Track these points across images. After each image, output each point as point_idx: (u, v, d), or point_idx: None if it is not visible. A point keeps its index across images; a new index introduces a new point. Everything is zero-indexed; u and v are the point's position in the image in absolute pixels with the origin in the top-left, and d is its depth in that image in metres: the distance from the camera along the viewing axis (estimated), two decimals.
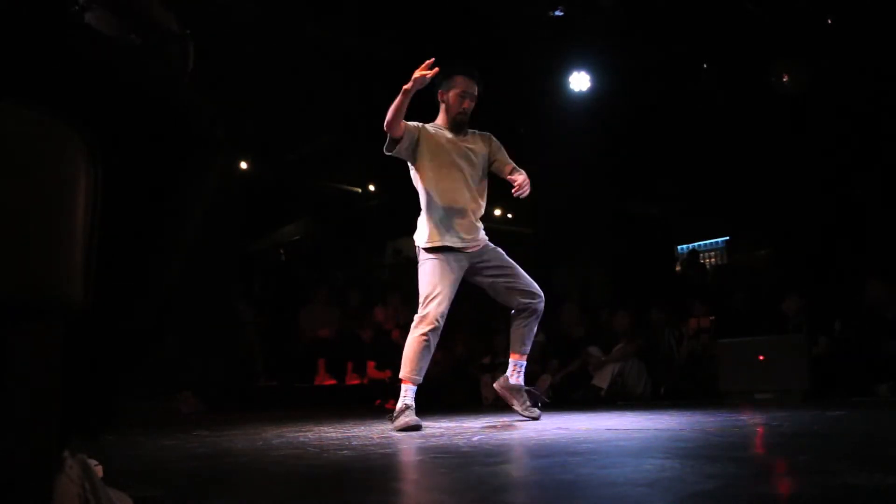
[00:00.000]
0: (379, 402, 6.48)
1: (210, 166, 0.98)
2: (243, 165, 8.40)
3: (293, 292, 8.41)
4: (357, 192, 9.88)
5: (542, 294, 3.60)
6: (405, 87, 3.26)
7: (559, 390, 6.33)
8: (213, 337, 6.76)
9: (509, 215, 11.03)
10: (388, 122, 3.34)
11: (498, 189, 3.81)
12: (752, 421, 3.07)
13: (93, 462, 0.97)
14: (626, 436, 2.51)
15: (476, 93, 3.59)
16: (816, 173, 7.54)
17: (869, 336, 5.34)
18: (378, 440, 2.66)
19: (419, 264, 3.50)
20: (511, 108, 7.56)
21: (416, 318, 3.39)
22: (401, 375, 3.36)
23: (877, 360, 5.18)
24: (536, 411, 3.58)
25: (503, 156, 3.67)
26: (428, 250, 3.46)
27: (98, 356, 0.93)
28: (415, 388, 3.33)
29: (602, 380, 6.21)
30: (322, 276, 8.90)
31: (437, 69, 3.28)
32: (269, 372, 7.51)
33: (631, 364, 6.29)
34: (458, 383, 6.79)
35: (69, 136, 0.80)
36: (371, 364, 7.15)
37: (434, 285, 3.38)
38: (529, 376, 6.50)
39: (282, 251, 10.39)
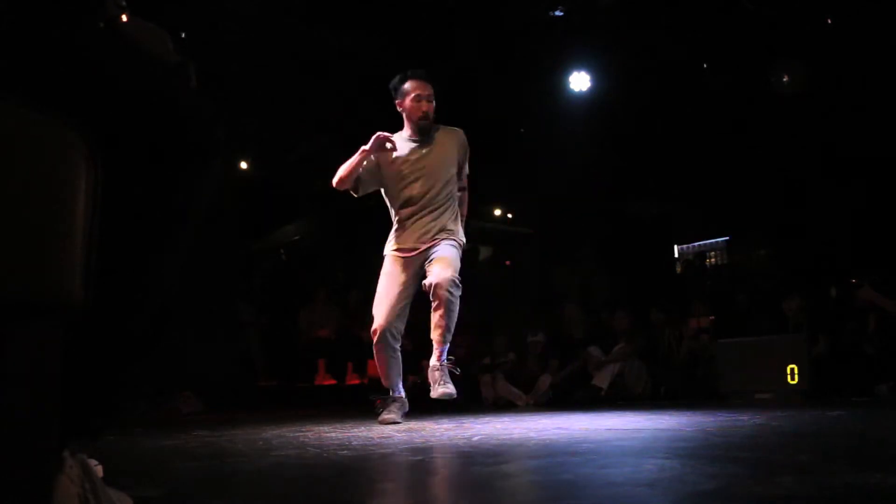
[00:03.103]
0: (379, 401, 6.48)
1: (210, 166, 0.98)
2: (243, 165, 8.40)
3: (293, 292, 8.41)
4: None
5: (450, 283, 3.35)
6: (365, 147, 3.49)
7: (559, 390, 6.33)
8: (213, 337, 6.76)
9: (509, 215, 11.03)
10: (339, 181, 3.62)
11: (498, 189, 3.84)
12: (752, 421, 3.07)
13: (93, 462, 0.97)
14: (626, 436, 2.51)
15: (431, 92, 3.60)
16: (817, 173, 7.54)
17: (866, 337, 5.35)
18: (378, 440, 2.66)
19: None
20: (511, 108, 7.56)
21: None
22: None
23: (877, 360, 5.19)
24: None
25: (464, 164, 3.70)
26: (385, 256, 3.71)
27: (98, 356, 0.92)
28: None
29: (602, 380, 6.20)
30: (322, 276, 8.90)
31: (394, 142, 3.52)
32: (269, 372, 7.51)
33: (631, 364, 6.29)
34: (458, 383, 6.78)
35: (69, 136, 0.80)
36: (371, 364, 7.14)
37: (379, 291, 3.59)
38: (530, 376, 6.54)
39: (282, 251, 10.39)
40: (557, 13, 6.16)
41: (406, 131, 3.64)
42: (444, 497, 1.40)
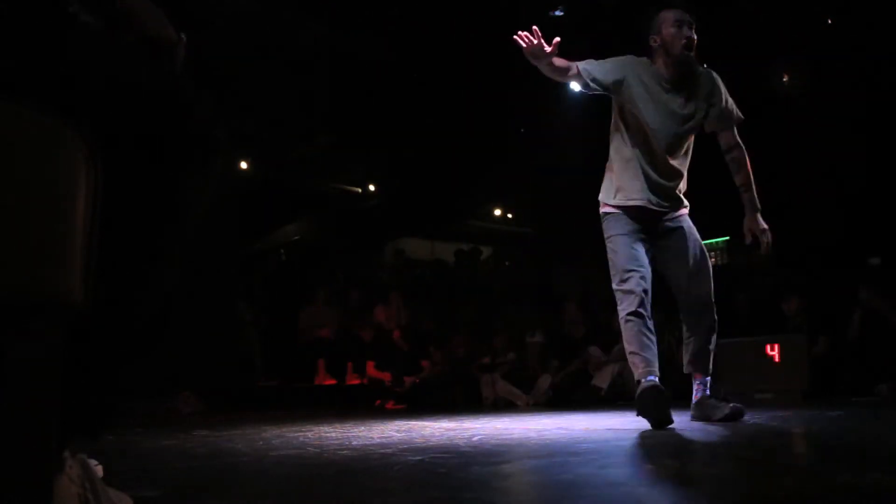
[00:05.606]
0: (379, 402, 6.48)
1: (210, 166, 0.98)
2: (243, 165, 8.40)
3: (293, 292, 8.41)
4: (357, 192, 9.88)
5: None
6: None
7: (559, 390, 6.33)
8: (213, 337, 6.76)
9: (509, 215, 11.02)
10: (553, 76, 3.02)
11: (497, 188, 3.78)
12: (752, 421, 3.07)
13: (93, 462, 0.97)
14: (627, 436, 2.51)
15: (692, 21, 3.01)
16: (816, 173, 7.54)
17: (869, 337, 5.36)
18: (378, 440, 2.66)
19: None
20: (511, 108, 7.55)
21: None
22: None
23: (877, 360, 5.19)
24: (727, 408, 3.06)
25: (718, 111, 3.15)
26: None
27: (98, 356, 0.92)
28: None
29: (602, 380, 6.20)
30: (322, 276, 8.90)
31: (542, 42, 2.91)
32: (269, 372, 7.51)
33: None
34: (458, 383, 6.79)
35: (69, 136, 0.80)
36: (371, 364, 7.15)
37: None
38: (530, 376, 6.54)
39: (282, 251, 10.39)
40: (557, 13, 6.15)
41: (658, 64, 3.14)
42: (444, 497, 1.40)
